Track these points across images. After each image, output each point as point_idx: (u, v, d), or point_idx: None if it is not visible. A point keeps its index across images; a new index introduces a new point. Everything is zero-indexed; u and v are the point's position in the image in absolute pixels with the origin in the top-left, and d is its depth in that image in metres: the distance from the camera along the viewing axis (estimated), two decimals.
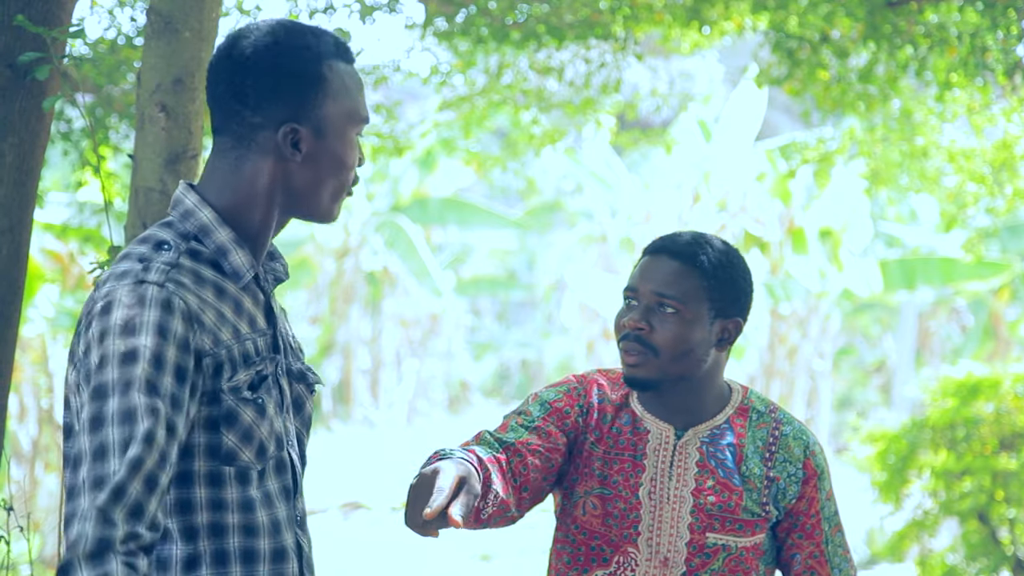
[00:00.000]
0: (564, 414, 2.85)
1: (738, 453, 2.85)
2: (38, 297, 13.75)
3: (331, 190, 2.29)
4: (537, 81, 9.17)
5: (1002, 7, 6.56)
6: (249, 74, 2.23)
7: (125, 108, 7.25)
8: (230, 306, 2.23)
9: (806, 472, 2.87)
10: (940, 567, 9.32)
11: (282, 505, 2.27)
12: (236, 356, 2.20)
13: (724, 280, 2.82)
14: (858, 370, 26.73)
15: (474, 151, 12.37)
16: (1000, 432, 8.98)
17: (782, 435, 2.88)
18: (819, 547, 2.89)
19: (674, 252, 2.82)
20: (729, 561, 2.83)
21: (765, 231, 17.99)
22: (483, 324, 29.99)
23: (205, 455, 2.19)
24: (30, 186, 3.49)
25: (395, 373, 23.84)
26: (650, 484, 2.82)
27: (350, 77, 2.29)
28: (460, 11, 7.54)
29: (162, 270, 2.15)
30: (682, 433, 2.85)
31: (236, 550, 2.21)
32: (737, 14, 7.53)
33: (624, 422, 2.88)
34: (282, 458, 2.28)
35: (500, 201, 25.77)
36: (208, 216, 2.24)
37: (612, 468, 2.84)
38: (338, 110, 2.28)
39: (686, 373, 2.82)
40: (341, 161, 2.28)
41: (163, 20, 3.59)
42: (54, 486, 14.41)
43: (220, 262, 2.24)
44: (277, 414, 2.27)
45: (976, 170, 9.21)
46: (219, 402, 2.18)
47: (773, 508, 2.85)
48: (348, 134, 2.29)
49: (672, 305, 2.79)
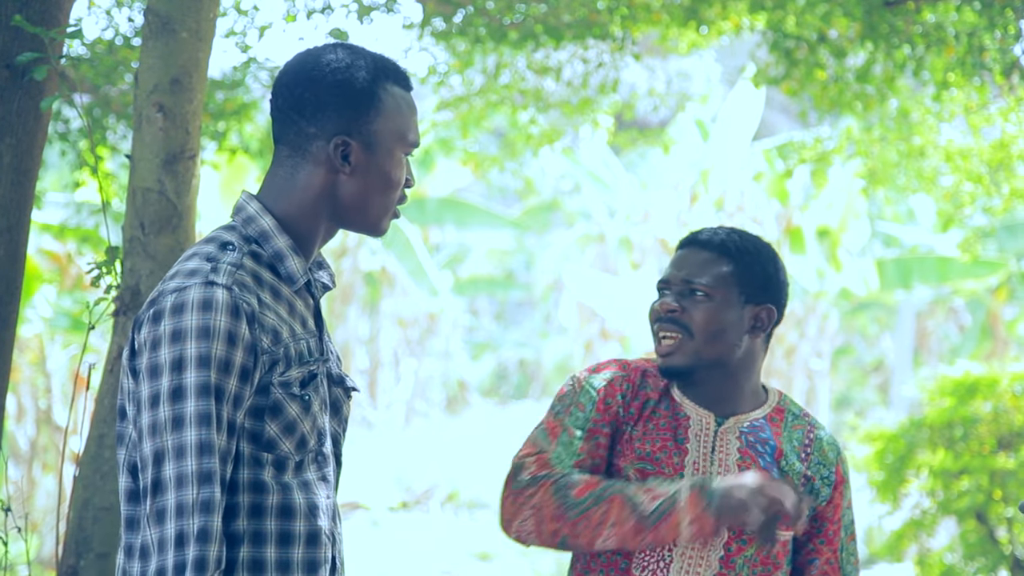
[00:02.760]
0: (607, 404, 2.91)
1: (777, 449, 2.90)
2: (36, 298, 13.74)
3: (378, 204, 2.41)
4: (535, 81, 9.17)
5: (999, 7, 6.56)
6: (309, 87, 2.37)
7: (123, 108, 7.24)
8: (285, 308, 2.36)
9: (836, 477, 2.93)
10: (938, 566, 9.33)
11: (321, 492, 2.37)
12: (292, 354, 2.33)
13: (751, 265, 2.91)
14: (856, 369, 26.73)
15: (472, 151, 12.37)
16: (998, 431, 8.98)
17: (817, 438, 2.94)
18: (835, 554, 2.94)
19: (702, 243, 2.93)
20: (761, 551, 2.86)
21: (763, 231, 17.98)
22: (481, 324, 29.98)
23: (248, 440, 2.29)
24: (28, 186, 3.48)
25: (393, 373, 23.83)
26: (692, 467, 2.87)
27: (404, 101, 2.42)
28: (458, 11, 7.53)
29: (229, 271, 2.28)
30: (723, 420, 2.91)
31: (272, 532, 2.30)
32: (735, 14, 7.53)
33: (664, 408, 2.93)
34: (323, 452, 2.40)
35: (498, 201, 25.76)
36: (269, 223, 2.37)
37: (655, 447, 2.89)
38: (389, 129, 2.40)
39: (721, 357, 2.89)
40: (388, 177, 2.40)
41: (160, 20, 3.59)
42: (52, 486, 14.41)
43: (277, 266, 2.37)
44: (322, 411, 2.39)
45: (973, 170, 9.21)
46: (268, 394, 2.29)
47: None
48: (396, 153, 2.40)
49: (702, 289, 2.89)
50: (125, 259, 3.68)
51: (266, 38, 8.07)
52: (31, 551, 11.19)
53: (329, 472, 2.41)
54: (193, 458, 2.20)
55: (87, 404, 3.68)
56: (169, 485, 2.20)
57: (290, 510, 2.31)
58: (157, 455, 2.21)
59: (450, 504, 17.61)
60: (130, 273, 3.67)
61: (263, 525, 2.29)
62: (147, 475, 2.22)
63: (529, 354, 27.96)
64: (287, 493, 2.31)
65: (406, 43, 8.30)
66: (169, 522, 2.19)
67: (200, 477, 2.20)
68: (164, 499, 2.20)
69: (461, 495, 17.68)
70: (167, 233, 3.66)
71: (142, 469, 2.24)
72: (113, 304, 3.69)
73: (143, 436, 2.24)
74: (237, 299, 2.26)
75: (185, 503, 2.20)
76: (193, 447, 2.20)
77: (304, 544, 2.32)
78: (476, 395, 27.03)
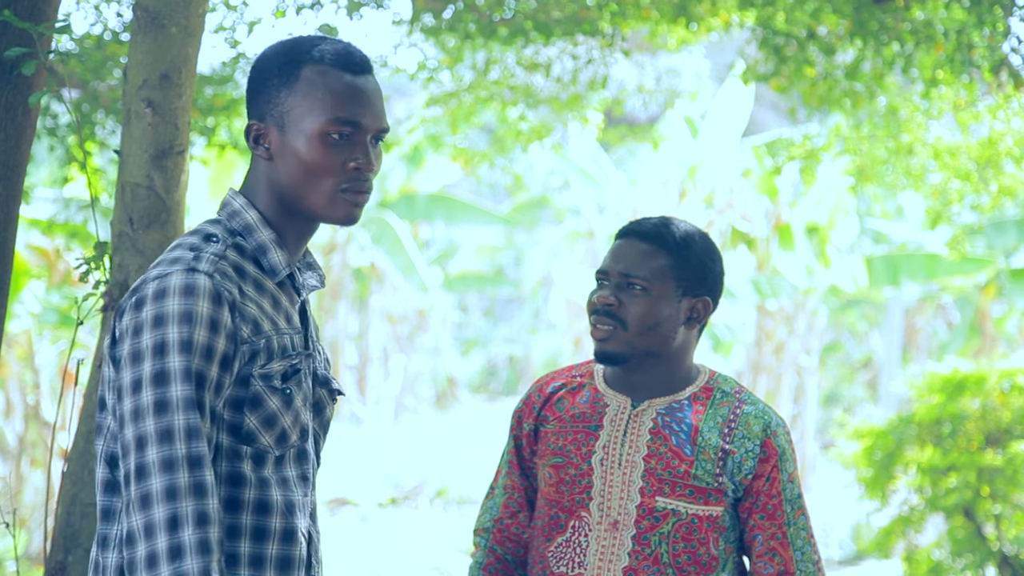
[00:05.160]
0: (519, 434, 3.05)
1: (694, 426, 2.92)
2: (24, 293, 13.70)
3: (310, 188, 2.33)
4: (524, 77, 9.17)
5: (988, 4, 6.57)
6: (249, 79, 2.35)
7: (111, 104, 7.23)
8: (269, 301, 2.33)
9: (766, 451, 2.93)
10: (926, 563, 9.34)
11: (299, 490, 2.33)
12: (274, 346, 2.30)
13: (689, 259, 2.93)
14: (845, 366, 26.77)
15: (461, 147, 12.35)
16: (986, 428, 9.00)
17: (743, 413, 2.95)
18: (781, 528, 2.93)
19: (641, 234, 2.95)
20: (680, 527, 2.89)
21: (752, 227, 18.01)
22: (470, 320, 29.97)
23: (227, 432, 2.26)
24: (16, 182, 3.48)
25: (382, 369, 23.81)
26: (603, 451, 2.92)
27: (331, 78, 2.31)
28: (447, 7, 7.53)
29: (211, 260, 2.25)
30: (639, 403, 2.95)
31: (247, 526, 2.26)
32: (724, 10, 7.53)
33: (583, 400, 3.00)
34: (304, 449, 2.35)
35: (487, 197, 25.76)
36: (253, 217, 2.35)
37: (567, 439, 2.96)
38: (303, 107, 2.30)
39: (654, 348, 2.93)
40: (302, 158, 2.31)
41: (149, 16, 3.59)
42: (40, 482, 14.38)
43: (260, 259, 2.34)
44: (304, 407, 2.35)
45: (962, 167, 9.22)
46: (248, 385, 2.26)
47: (728, 481, 2.90)
48: (314, 132, 2.30)
49: (639, 283, 2.91)
50: (114, 254, 3.68)
51: (255, 34, 8.07)
52: (19, 547, 11.17)
53: (309, 470, 2.36)
54: (181, 442, 2.15)
55: (75, 400, 3.68)
56: (154, 470, 2.13)
57: (266, 506, 2.27)
58: (140, 440, 2.15)
59: (439, 500, 17.61)
60: (119, 268, 3.67)
61: (238, 519, 2.25)
62: (129, 461, 2.15)
63: (518, 350, 27.96)
64: (265, 488, 2.27)
65: (395, 39, 8.29)
66: (157, 506, 2.12)
67: (190, 461, 2.15)
68: (149, 484, 2.14)
69: (450, 491, 17.67)
70: (156, 228, 3.65)
71: (123, 456, 2.16)
72: (102, 300, 3.69)
73: (124, 423, 2.17)
74: (219, 286, 2.23)
75: (176, 486, 2.13)
76: (181, 431, 2.15)
77: (279, 541, 2.28)
78: (465, 391, 27.03)
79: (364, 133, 2.33)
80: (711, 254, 2.97)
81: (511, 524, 3.06)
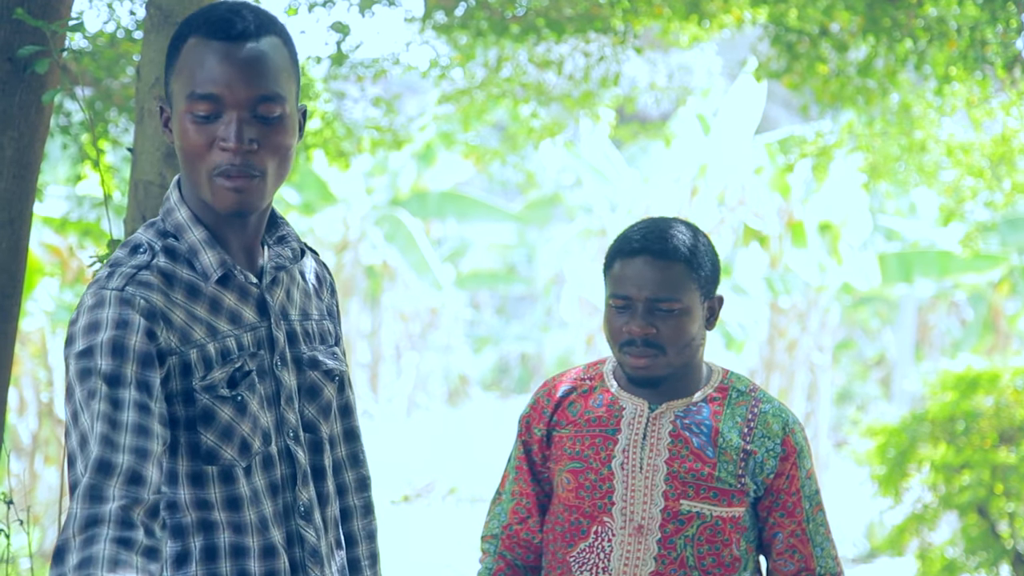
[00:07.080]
0: (528, 440, 3.02)
1: (713, 427, 2.91)
2: (37, 291, 13.75)
3: (195, 177, 2.17)
4: (536, 75, 9.17)
5: (1001, 0, 6.56)
6: None
7: (124, 102, 7.24)
8: (204, 305, 2.19)
9: (785, 449, 2.92)
10: (940, 561, 9.33)
11: (268, 502, 2.22)
12: (211, 354, 2.16)
13: (703, 264, 2.91)
14: (858, 364, 26.73)
15: (473, 144, 12.36)
16: (999, 426, 8.98)
17: (761, 412, 2.94)
18: (800, 525, 2.94)
19: (656, 252, 2.88)
20: (704, 529, 2.88)
21: (764, 225, 17.99)
22: (482, 318, 29.98)
23: (187, 455, 2.16)
24: (30, 180, 3.48)
25: (394, 367, 23.84)
26: (622, 455, 2.91)
27: (202, 51, 2.13)
28: (459, 4, 7.54)
29: (125, 275, 2.12)
30: (656, 406, 2.93)
31: (225, 546, 2.18)
32: (736, 7, 7.53)
33: (597, 403, 2.97)
34: (269, 453, 2.23)
35: (499, 195, 25.75)
36: (183, 215, 2.21)
37: (584, 444, 2.94)
38: (180, 85, 2.16)
39: (688, 360, 2.91)
40: (179, 144, 2.16)
41: (162, 14, 3.59)
42: (54, 480, 14.42)
43: (193, 261, 2.19)
44: (265, 409, 2.23)
45: (975, 164, 9.21)
46: (194, 402, 2.15)
47: (750, 481, 2.90)
48: (180, 112, 2.15)
49: (670, 306, 2.87)
50: None
51: None
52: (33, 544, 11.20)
53: (278, 476, 2.24)
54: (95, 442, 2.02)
55: None
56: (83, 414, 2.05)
57: (241, 527, 2.19)
58: (82, 440, 2.05)
59: (451, 497, 17.62)
60: None
61: (215, 539, 2.18)
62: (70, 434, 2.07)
63: (530, 348, 27.97)
64: (236, 509, 2.18)
65: (408, 36, 8.30)
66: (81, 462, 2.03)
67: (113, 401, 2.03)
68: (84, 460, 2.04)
69: (462, 488, 17.69)
70: None
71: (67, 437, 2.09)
72: None
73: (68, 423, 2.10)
74: (131, 295, 2.10)
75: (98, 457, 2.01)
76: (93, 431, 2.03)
77: (259, 558, 2.20)
78: (477, 389, 27.04)
79: (230, 107, 2.12)
80: (712, 250, 2.95)
81: (520, 530, 3.04)
